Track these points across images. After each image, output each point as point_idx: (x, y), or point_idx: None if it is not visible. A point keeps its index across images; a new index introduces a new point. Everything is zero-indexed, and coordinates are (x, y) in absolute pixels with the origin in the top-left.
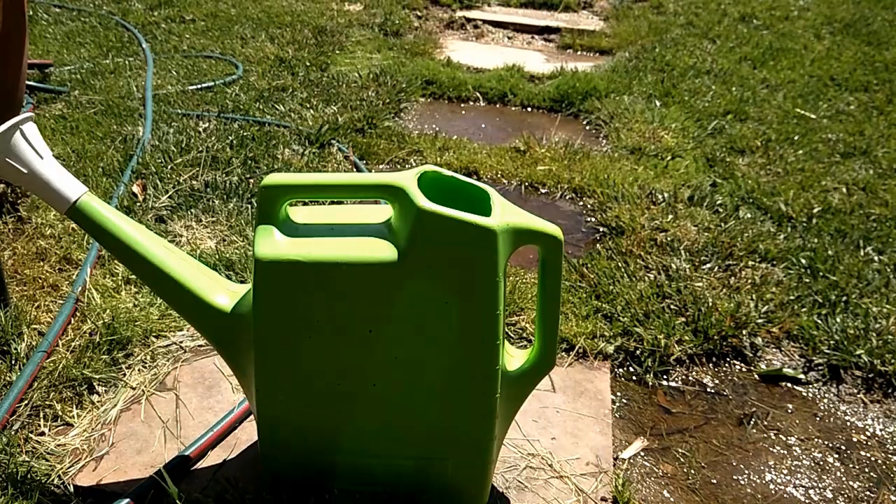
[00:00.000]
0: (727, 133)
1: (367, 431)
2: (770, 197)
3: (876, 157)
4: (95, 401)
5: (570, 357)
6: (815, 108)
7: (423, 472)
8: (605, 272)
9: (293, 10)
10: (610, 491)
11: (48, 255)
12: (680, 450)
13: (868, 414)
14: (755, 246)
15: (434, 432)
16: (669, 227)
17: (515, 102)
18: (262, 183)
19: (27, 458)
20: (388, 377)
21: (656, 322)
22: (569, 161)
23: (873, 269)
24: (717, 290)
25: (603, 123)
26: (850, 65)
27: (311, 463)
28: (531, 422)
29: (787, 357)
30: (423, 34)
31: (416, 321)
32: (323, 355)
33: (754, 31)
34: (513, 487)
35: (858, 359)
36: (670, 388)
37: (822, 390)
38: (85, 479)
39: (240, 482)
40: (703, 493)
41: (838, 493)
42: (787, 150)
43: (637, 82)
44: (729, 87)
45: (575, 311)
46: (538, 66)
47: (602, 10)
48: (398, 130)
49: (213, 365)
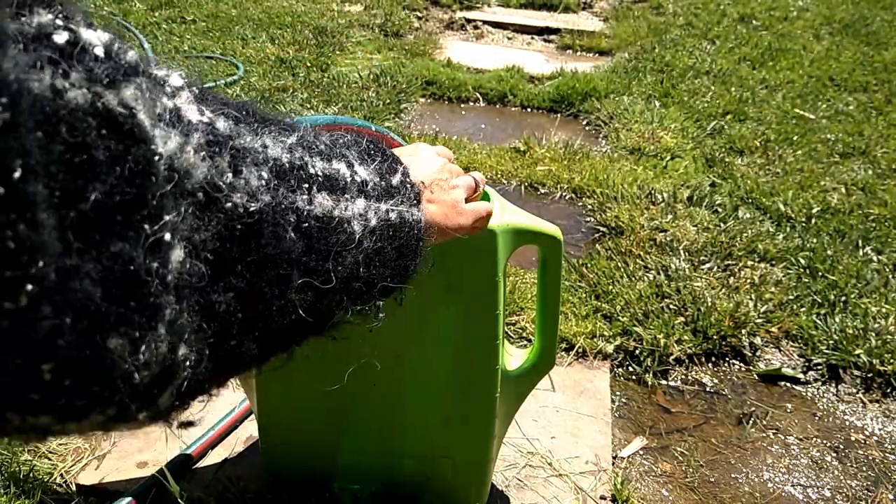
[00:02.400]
0: (726, 133)
1: (367, 431)
2: (769, 197)
3: (875, 157)
4: None
5: (569, 356)
6: (814, 109)
7: (423, 471)
8: (604, 272)
9: (294, 10)
10: (609, 489)
11: None
12: (679, 449)
13: (867, 413)
14: (754, 246)
15: (434, 431)
16: (669, 227)
17: (515, 103)
18: None
19: (29, 456)
20: (389, 377)
21: (655, 322)
22: (568, 161)
23: (872, 269)
24: (716, 289)
25: (602, 124)
26: (849, 65)
27: (311, 462)
28: (531, 421)
29: (786, 357)
30: (424, 35)
31: (416, 321)
32: (323, 355)
33: (753, 32)
34: (512, 486)
35: (857, 358)
36: (669, 387)
37: (820, 390)
38: (87, 477)
39: (241, 481)
40: (701, 492)
41: (836, 491)
42: (786, 151)
43: (636, 83)
44: (728, 87)
45: (574, 310)
46: (538, 66)
47: (602, 10)
48: (398, 131)
49: None
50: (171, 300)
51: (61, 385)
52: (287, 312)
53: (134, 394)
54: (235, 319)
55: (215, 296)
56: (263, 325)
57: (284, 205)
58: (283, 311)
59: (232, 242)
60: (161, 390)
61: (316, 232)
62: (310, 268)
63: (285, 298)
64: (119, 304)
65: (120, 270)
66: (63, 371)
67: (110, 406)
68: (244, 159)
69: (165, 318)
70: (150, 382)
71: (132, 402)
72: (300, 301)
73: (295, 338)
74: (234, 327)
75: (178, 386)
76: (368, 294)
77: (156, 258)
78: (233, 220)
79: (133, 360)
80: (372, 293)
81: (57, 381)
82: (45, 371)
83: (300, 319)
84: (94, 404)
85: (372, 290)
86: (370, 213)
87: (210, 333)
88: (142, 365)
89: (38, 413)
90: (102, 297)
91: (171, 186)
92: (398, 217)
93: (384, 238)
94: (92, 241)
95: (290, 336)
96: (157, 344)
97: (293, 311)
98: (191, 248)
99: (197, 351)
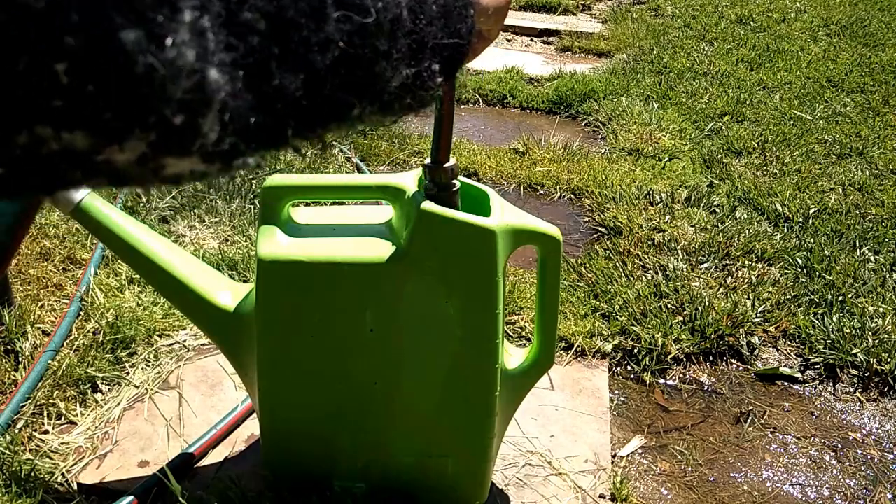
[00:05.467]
0: (724, 134)
1: (368, 429)
2: (767, 197)
3: (872, 157)
4: (99, 399)
5: (568, 355)
6: (812, 110)
7: (423, 469)
8: (603, 272)
9: None
10: (608, 488)
11: (52, 255)
12: (677, 447)
13: (864, 412)
14: (752, 246)
15: (434, 430)
16: (667, 227)
17: (514, 104)
18: (264, 184)
19: (31, 456)
20: (389, 376)
21: (654, 321)
22: (567, 162)
23: (869, 269)
24: (713, 289)
25: (601, 125)
26: (846, 66)
27: (312, 461)
28: (530, 419)
29: (784, 356)
30: None
31: (416, 320)
32: (325, 354)
33: (751, 34)
34: (512, 484)
35: (855, 358)
36: (668, 386)
37: (818, 389)
38: (88, 477)
39: (242, 480)
40: (700, 491)
41: (835, 490)
42: (784, 151)
43: (635, 84)
44: (726, 88)
45: (573, 310)
46: (537, 68)
47: (600, 12)
48: (399, 132)
49: (217, 363)
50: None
51: (84, 91)
52: (327, 48)
53: (170, 107)
54: (269, 45)
55: (242, 14)
56: (304, 61)
57: None
58: (324, 46)
59: None
60: (201, 114)
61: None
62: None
63: (324, 32)
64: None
65: None
66: (80, 72)
67: (148, 122)
68: None
69: (185, 19)
70: (183, 98)
71: (173, 117)
72: (340, 35)
73: (347, 93)
74: (269, 56)
75: (220, 112)
76: (421, 55)
77: None
78: None
79: (155, 58)
80: (423, 55)
81: (77, 84)
82: (61, 72)
83: (347, 59)
84: (128, 119)
85: (423, 52)
86: None
87: (242, 55)
88: (167, 67)
89: (70, 126)
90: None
91: None
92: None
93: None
94: None
95: (340, 87)
96: (182, 48)
97: (335, 47)
98: None
99: (230, 76)
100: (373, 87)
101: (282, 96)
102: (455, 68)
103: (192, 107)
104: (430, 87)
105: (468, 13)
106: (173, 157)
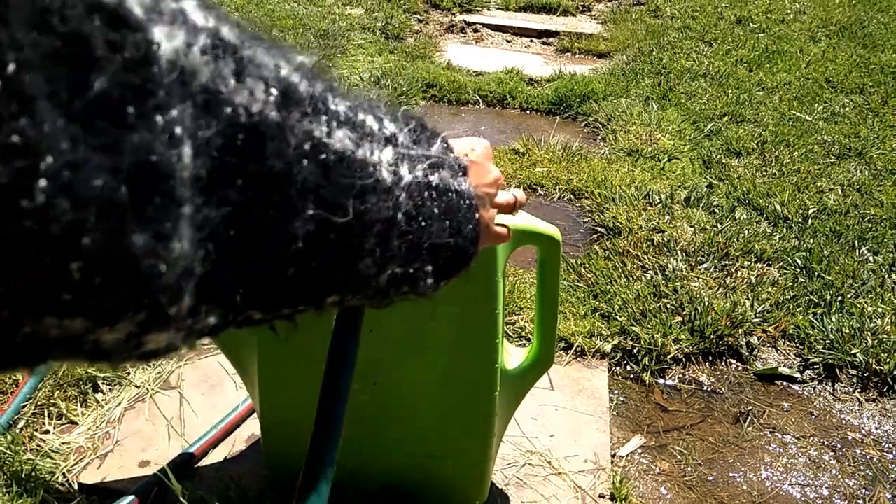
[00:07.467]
0: (723, 135)
1: (368, 429)
2: (766, 198)
3: (871, 158)
4: (100, 399)
5: (568, 355)
6: (811, 111)
7: (423, 469)
8: (602, 272)
9: (296, 13)
10: (608, 488)
11: None
12: (677, 447)
13: (863, 412)
14: (751, 246)
15: (434, 430)
16: (666, 227)
17: (514, 105)
18: None
19: (32, 456)
20: (389, 376)
21: (653, 321)
22: (567, 163)
23: (868, 270)
24: (713, 289)
25: (601, 126)
26: (845, 67)
27: None
28: (530, 419)
29: (783, 356)
30: (424, 38)
31: (416, 320)
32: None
33: (750, 35)
34: (512, 484)
35: (854, 358)
36: (667, 386)
37: (817, 389)
38: (89, 476)
39: (243, 479)
40: (699, 490)
41: (834, 490)
42: (783, 152)
43: (634, 85)
44: (725, 89)
45: (573, 310)
46: (537, 69)
47: (600, 13)
48: None
49: (217, 364)
50: (189, 195)
51: (91, 284)
52: (292, 242)
53: (164, 292)
54: (231, 235)
55: (206, 209)
56: (269, 250)
57: (297, 129)
58: (289, 240)
59: (231, 153)
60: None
61: (334, 165)
62: (325, 200)
63: (292, 226)
64: (142, 198)
65: (140, 162)
66: (92, 269)
67: (141, 307)
68: (250, 71)
69: (187, 215)
70: (174, 282)
71: (161, 297)
72: (310, 234)
73: (317, 283)
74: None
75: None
76: (413, 255)
77: (173, 149)
78: (233, 127)
79: (160, 256)
80: (418, 256)
81: (87, 280)
82: (75, 270)
83: (315, 257)
84: (126, 305)
85: (418, 253)
86: (402, 168)
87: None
88: (168, 260)
89: (73, 314)
90: (124, 190)
91: (176, 75)
92: (440, 182)
93: (426, 198)
94: (104, 133)
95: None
96: (182, 242)
97: (304, 242)
98: (198, 145)
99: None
100: (356, 281)
101: (244, 281)
102: (452, 273)
103: (179, 283)
104: (422, 290)
105: (472, 216)
106: (155, 332)
